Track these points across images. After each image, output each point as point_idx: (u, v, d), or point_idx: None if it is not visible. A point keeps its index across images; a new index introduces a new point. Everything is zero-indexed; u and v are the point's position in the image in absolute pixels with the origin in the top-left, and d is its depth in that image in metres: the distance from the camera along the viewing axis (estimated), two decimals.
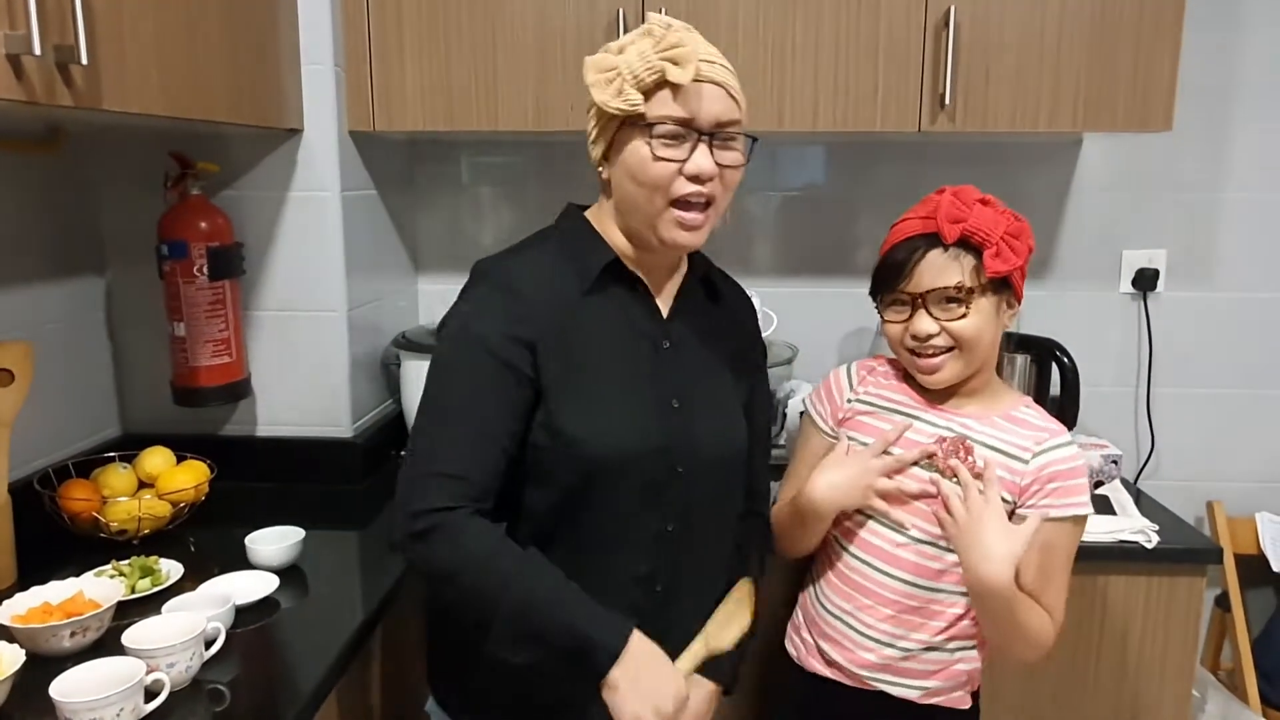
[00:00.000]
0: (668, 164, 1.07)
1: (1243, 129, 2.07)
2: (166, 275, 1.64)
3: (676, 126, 1.07)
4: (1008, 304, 1.29)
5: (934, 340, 1.25)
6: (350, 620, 1.29)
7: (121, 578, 1.32)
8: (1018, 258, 1.24)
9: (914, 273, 1.25)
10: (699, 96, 1.07)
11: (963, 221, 1.23)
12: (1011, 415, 1.30)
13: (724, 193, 1.12)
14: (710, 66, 1.09)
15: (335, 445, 1.81)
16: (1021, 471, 1.25)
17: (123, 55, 1.18)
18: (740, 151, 1.12)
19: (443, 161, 2.15)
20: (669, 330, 1.20)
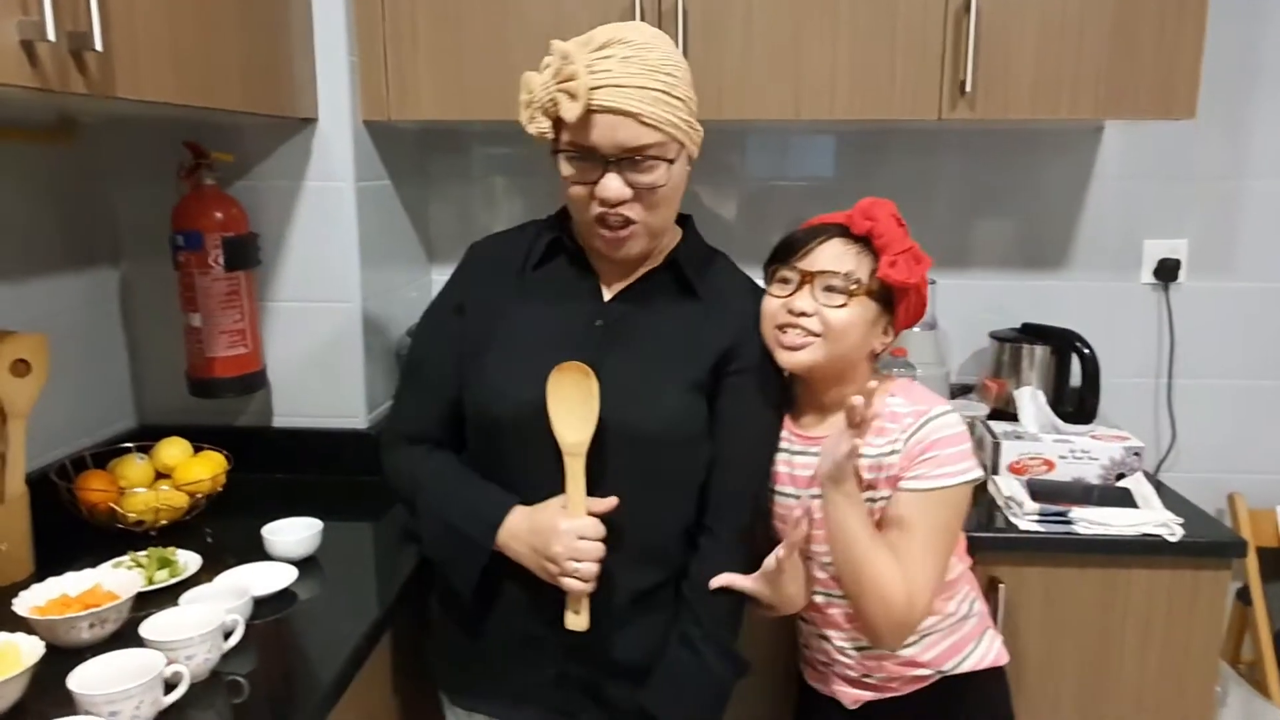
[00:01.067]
0: (581, 186, 1.12)
1: (1266, 117, 2.04)
2: (181, 266, 1.64)
3: (581, 152, 1.10)
4: (885, 328, 1.27)
5: (806, 321, 1.22)
6: (368, 612, 1.29)
7: (139, 569, 1.32)
8: (912, 276, 1.23)
9: (812, 252, 1.25)
10: (599, 125, 1.07)
11: (874, 221, 1.24)
12: (879, 413, 1.23)
13: (648, 211, 1.13)
14: (615, 92, 1.06)
15: (350, 436, 1.81)
16: (895, 464, 1.23)
17: (136, 42, 1.17)
18: (662, 172, 1.11)
19: (455, 151, 2.14)
20: (606, 311, 1.22)
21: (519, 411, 1.17)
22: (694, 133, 1.17)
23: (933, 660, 1.29)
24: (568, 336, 1.20)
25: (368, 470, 1.78)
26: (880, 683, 1.31)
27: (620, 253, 1.17)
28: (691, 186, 2.10)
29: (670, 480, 1.21)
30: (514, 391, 1.18)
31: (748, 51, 1.68)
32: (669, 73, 1.10)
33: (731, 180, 2.13)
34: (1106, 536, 1.58)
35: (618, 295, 1.23)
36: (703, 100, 1.67)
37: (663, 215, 1.17)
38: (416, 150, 2.09)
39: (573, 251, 1.24)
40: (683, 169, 1.17)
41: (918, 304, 1.28)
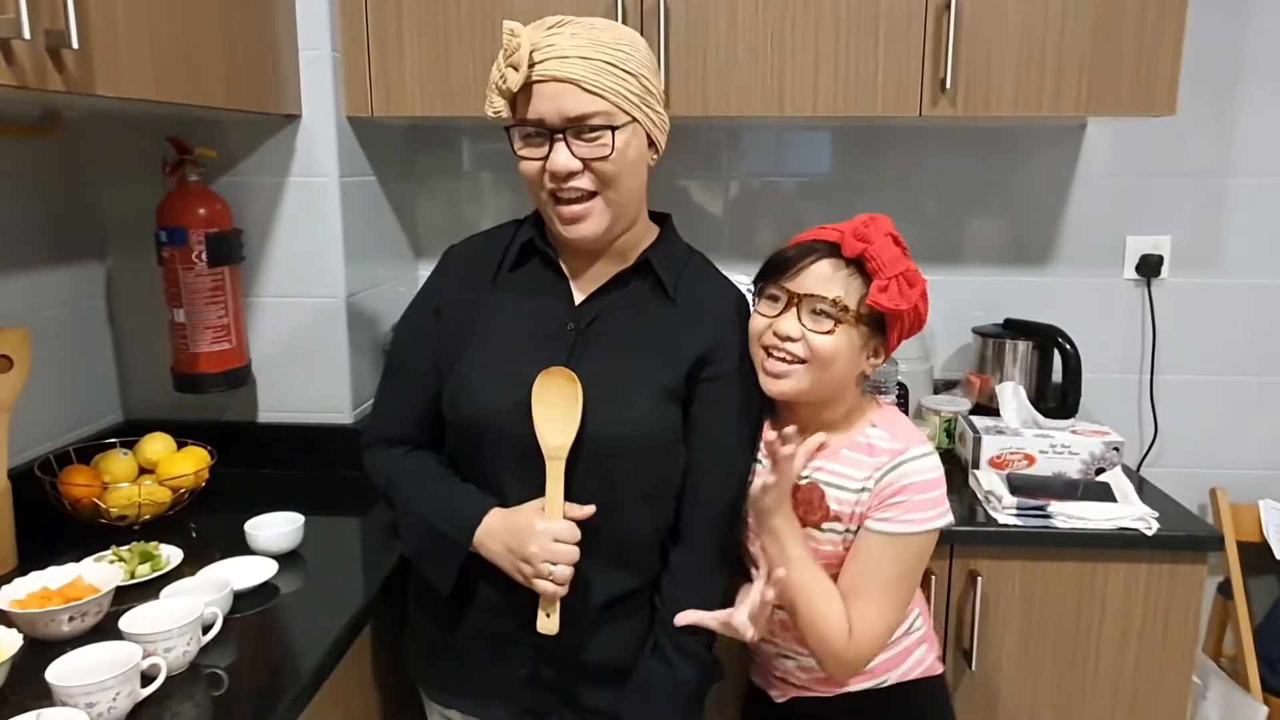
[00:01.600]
0: (532, 163, 1.13)
1: (1248, 114, 2.05)
2: (165, 262, 1.64)
3: (530, 127, 1.12)
4: (874, 351, 1.24)
5: (791, 346, 1.19)
6: (349, 605, 1.29)
7: (121, 563, 1.33)
8: (904, 301, 1.18)
9: (801, 272, 1.20)
10: (543, 95, 1.10)
11: (867, 244, 1.18)
12: (857, 443, 1.24)
13: (604, 184, 1.12)
14: (559, 62, 1.08)
15: (335, 431, 1.81)
16: (865, 502, 1.21)
17: (115, 39, 1.18)
18: (608, 144, 1.10)
19: (442, 147, 2.14)
20: (579, 314, 1.21)
21: (493, 415, 1.17)
22: (651, 113, 1.15)
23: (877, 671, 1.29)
24: (540, 340, 1.20)
25: (352, 465, 1.77)
26: (807, 683, 1.32)
27: (578, 232, 1.15)
28: (681, 182, 2.13)
29: (643, 487, 1.20)
30: (489, 395, 1.18)
31: (731, 48, 1.69)
32: (619, 49, 1.11)
33: (722, 176, 2.14)
34: (1084, 530, 1.60)
35: (589, 298, 1.22)
36: (687, 97, 1.71)
37: (620, 192, 1.14)
38: (403, 146, 2.09)
39: (546, 254, 1.24)
40: (638, 145, 1.15)
41: (913, 324, 1.24)
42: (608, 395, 1.16)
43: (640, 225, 1.23)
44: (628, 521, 1.20)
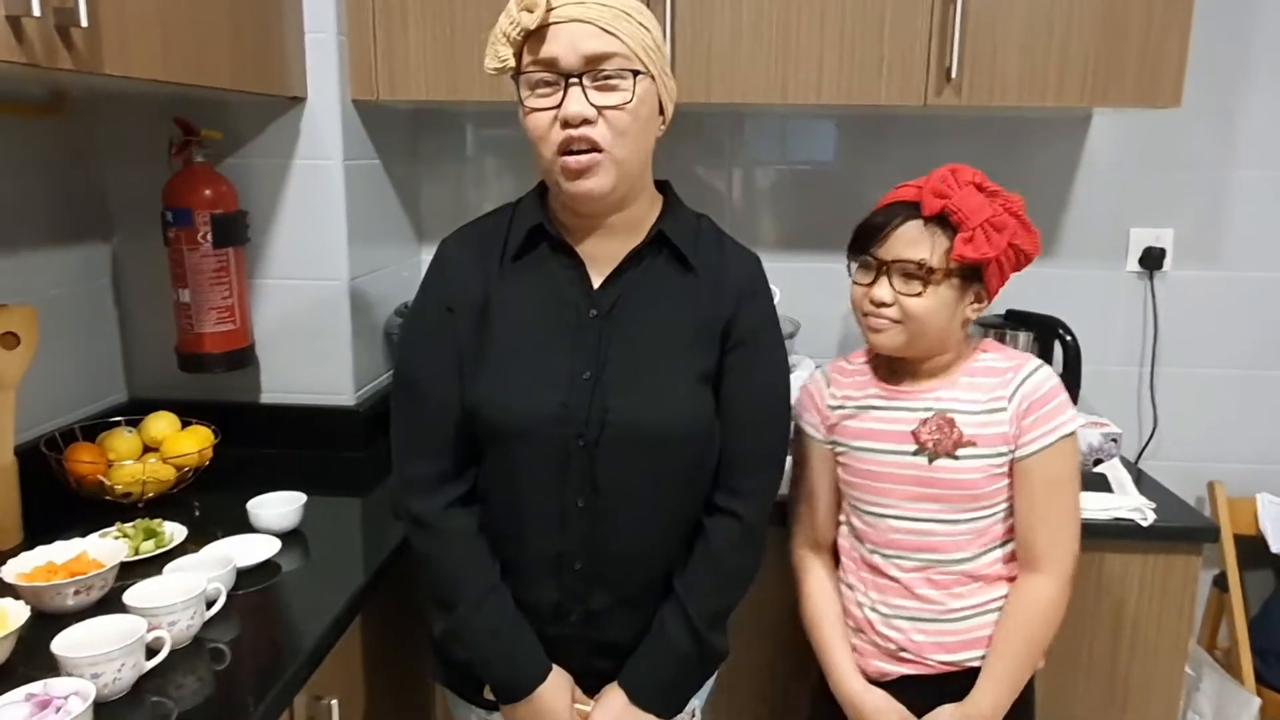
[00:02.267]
0: (541, 114, 1.07)
1: (1253, 106, 2.05)
2: (171, 242, 1.65)
3: (543, 72, 1.05)
4: (976, 297, 1.28)
5: (886, 311, 1.26)
6: (350, 583, 1.31)
7: (125, 539, 1.34)
8: (991, 248, 1.21)
9: (887, 238, 1.26)
10: (559, 37, 1.04)
11: (946, 198, 1.22)
12: (974, 369, 1.30)
13: (615, 136, 1.06)
14: (575, 5, 1.04)
15: (338, 413, 1.83)
16: (1006, 419, 1.26)
17: (124, 19, 1.18)
18: (626, 90, 1.05)
19: (446, 131, 2.15)
20: (599, 298, 1.15)
21: (523, 419, 1.12)
22: (663, 74, 1.12)
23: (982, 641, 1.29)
24: (564, 332, 1.14)
25: (353, 446, 1.82)
26: (913, 658, 1.31)
27: (583, 186, 1.08)
28: (690, 167, 2.14)
29: (683, 471, 1.17)
30: (518, 399, 1.13)
31: (736, 35, 1.69)
32: (633, 4, 1.09)
33: (725, 164, 2.14)
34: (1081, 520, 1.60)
35: (607, 280, 1.16)
36: (691, 83, 1.71)
37: (629, 150, 1.08)
38: (408, 129, 2.10)
39: (555, 238, 1.16)
40: (650, 104, 1.10)
41: (1016, 261, 1.27)
42: (643, 384, 1.13)
43: (647, 196, 1.18)
44: (669, 505, 1.18)
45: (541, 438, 1.12)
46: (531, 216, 1.18)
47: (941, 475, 1.26)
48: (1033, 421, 1.25)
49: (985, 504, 1.27)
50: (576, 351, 1.13)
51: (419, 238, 2.20)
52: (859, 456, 1.33)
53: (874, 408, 1.33)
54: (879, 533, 1.32)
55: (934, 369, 1.31)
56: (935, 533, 1.28)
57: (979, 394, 1.27)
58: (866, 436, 1.32)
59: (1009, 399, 1.25)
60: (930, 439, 1.27)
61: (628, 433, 1.12)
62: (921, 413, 1.28)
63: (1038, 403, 1.25)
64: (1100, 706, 1.69)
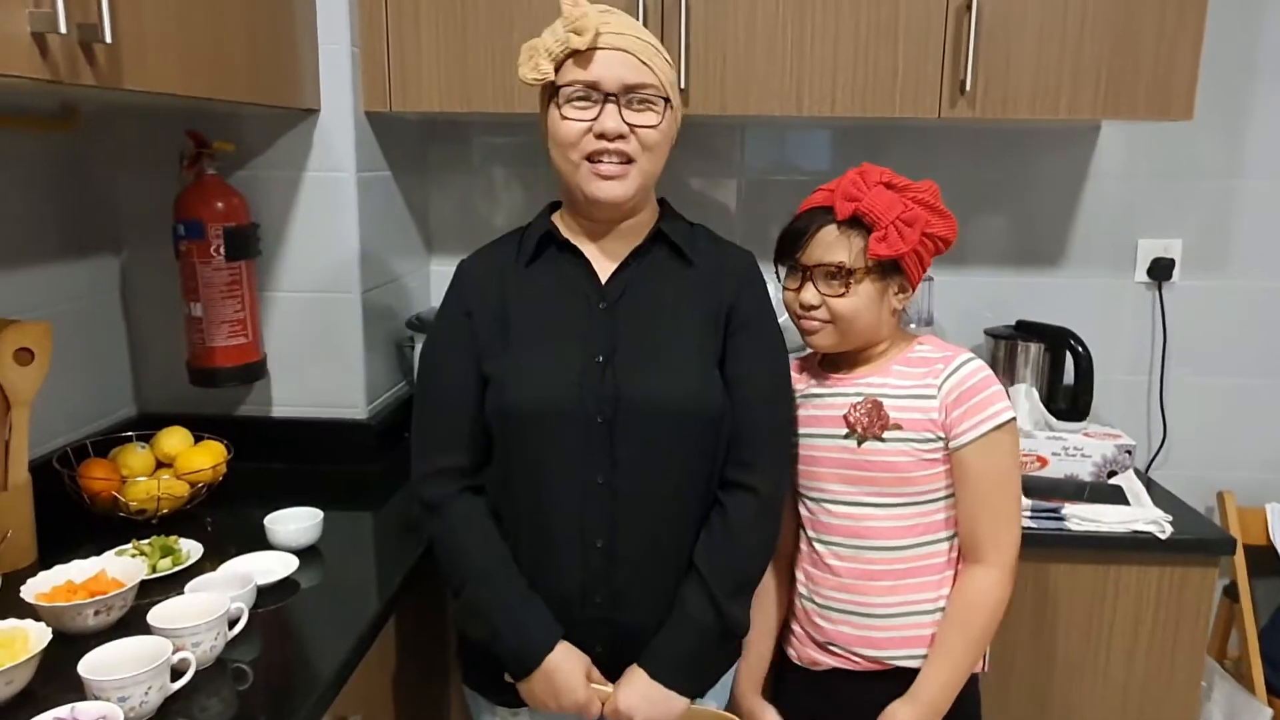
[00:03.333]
0: (576, 123, 1.17)
1: (1260, 117, 2.06)
2: (183, 255, 1.64)
3: (583, 88, 1.16)
4: (900, 287, 1.31)
5: (815, 313, 1.31)
6: (371, 601, 1.30)
7: (143, 557, 1.32)
8: (905, 243, 1.26)
9: (807, 244, 1.31)
10: (603, 62, 1.16)
11: (857, 200, 1.27)
12: (908, 359, 1.32)
13: (644, 153, 1.18)
14: (618, 36, 1.17)
15: (350, 427, 1.82)
16: (934, 407, 1.27)
17: (144, 34, 1.18)
18: (656, 113, 1.18)
19: (455, 142, 2.14)
20: (607, 291, 1.24)
21: (541, 407, 1.19)
22: (678, 106, 1.25)
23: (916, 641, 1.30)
24: (575, 321, 1.23)
25: (367, 460, 1.80)
26: (840, 653, 1.33)
27: (611, 190, 1.19)
28: (687, 179, 2.13)
29: (699, 446, 1.22)
30: (533, 382, 1.20)
31: (750, 47, 1.69)
32: (657, 41, 1.22)
33: (728, 173, 2.14)
34: (1098, 533, 1.61)
35: (613, 275, 1.25)
36: (705, 95, 1.71)
37: (653, 165, 1.21)
38: (417, 140, 2.09)
39: (563, 243, 1.27)
40: (669, 130, 1.22)
41: (934, 248, 1.30)
42: (653, 363, 1.21)
43: (649, 207, 1.30)
44: (685, 479, 1.22)
45: (561, 416, 1.19)
46: (541, 227, 1.29)
47: (869, 458, 1.29)
48: (964, 412, 1.26)
49: (916, 489, 1.29)
50: (588, 338, 1.21)
51: (428, 249, 2.19)
52: (802, 443, 1.36)
53: (814, 396, 1.36)
54: (817, 518, 1.35)
55: (868, 356, 1.35)
56: (866, 517, 1.30)
57: (907, 381, 1.30)
58: (807, 424, 1.36)
59: (938, 387, 1.28)
60: (858, 421, 1.30)
61: (642, 407, 1.19)
62: (853, 397, 1.32)
63: (967, 393, 1.26)
64: (1116, 719, 1.68)
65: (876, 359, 1.35)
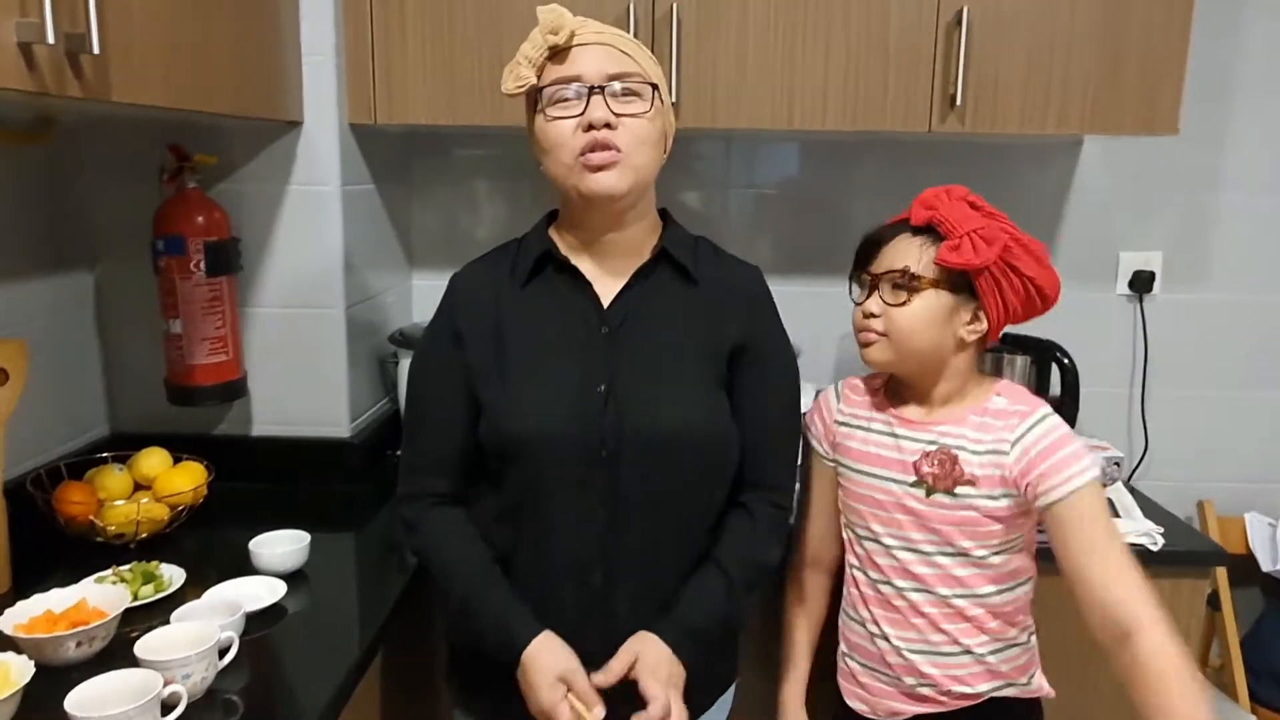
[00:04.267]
0: (562, 122, 1.12)
1: (1239, 131, 2.09)
2: (162, 271, 1.60)
3: (565, 85, 1.12)
4: (973, 316, 1.24)
5: (873, 323, 1.25)
6: (362, 626, 1.27)
7: (124, 584, 1.28)
8: (978, 257, 1.19)
9: (878, 254, 1.27)
10: (582, 57, 1.12)
11: (934, 210, 1.23)
12: (985, 409, 1.25)
13: (635, 143, 1.12)
14: (596, 33, 1.14)
15: (333, 445, 1.78)
16: (1007, 465, 1.21)
17: (131, 45, 1.14)
18: (645, 102, 1.14)
19: (438, 154, 2.11)
20: (609, 316, 1.19)
21: (540, 430, 1.14)
22: (668, 105, 1.21)
23: (1007, 673, 1.29)
24: (576, 350, 1.17)
25: (351, 479, 1.77)
26: (931, 695, 1.29)
27: (603, 181, 1.11)
28: (672, 193, 2.12)
29: (705, 474, 1.19)
30: (533, 411, 1.15)
31: (741, 61, 1.69)
32: (639, 42, 1.19)
33: (716, 186, 2.13)
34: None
35: (617, 297, 1.19)
36: (696, 108, 1.70)
37: (646, 155, 1.14)
38: (400, 152, 2.06)
39: (561, 262, 1.20)
40: (661, 126, 1.17)
41: (1023, 294, 1.22)
42: (657, 392, 1.16)
43: (650, 219, 1.23)
44: (692, 506, 1.19)
45: (562, 449, 1.14)
46: (538, 244, 1.22)
47: (939, 510, 1.24)
48: (1043, 469, 1.19)
49: (985, 544, 1.24)
50: (589, 366, 1.16)
51: (410, 263, 2.15)
52: (858, 479, 1.31)
53: (878, 431, 1.31)
54: (876, 559, 1.30)
55: (942, 399, 1.28)
56: (932, 566, 1.26)
57: (983, 435, 1.24)
58: (867, 461, 1.31)
59: (1012, 444, 1.21)
60: (931, 473, 1.25)
61: (646, 440, 1.14)
62: (926, 445, 1.26)
63: (1047, 451, 1.19)
64: None
65: (949, 404, 1.28)
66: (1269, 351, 2.18)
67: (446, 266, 2.15)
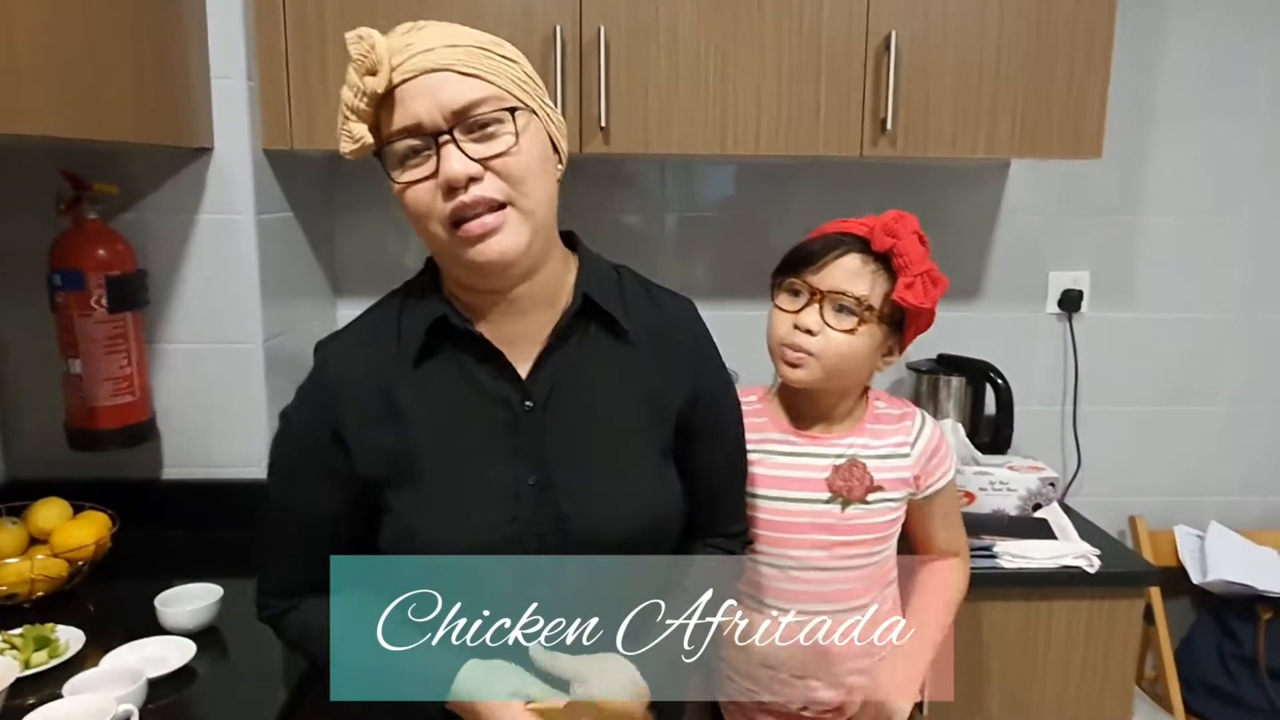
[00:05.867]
0: (418, 186, 0.91)
1: (1159, 155, 2.14)
2: (60, 308, 1.49)
3: (406, 140, 0.91)
4: (890, 349, 1.28)
5: (808, 341, 1.21)
6: (280, 688, 1.18)
7: (13, 651, 1.18)
8: (928, 300, 1.22)
9: (826, 267, 1.22)
10: (415, 95, 0.90)
11: (896, 239, 1.22)
12: (875, 415, 1.31)
13: (514, 184, 0.92)
14: (423, 56, 0.90)
15: (251, 488, 1.67)
16: (908, 465, 1.29)
17: (16, 71, 1.05)
18: (511, 133, 0.91)
19: (362, 179, 2.03)
20: (530, 389, 0.99)
21: (464, 550, 0.97)
22: (546, 106, 0.98)
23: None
24: (496, 438, 0.98)
25: None
26: (814, 715, 1.30)
27: (494, 249, 0.92)
28: (606, 215, 2.08)
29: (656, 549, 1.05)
30: (454, 528, 0.97)
31: (673, 84, 1.65)
32: (486, 37, 0.95)
33: (653, 210, 2.10)
34: (1029, 570, 1.61)
35: (536, 365, 1.00)
36: (627, 133, 1.66)
37: (533, 200, 0.93)
38: (321, 177, 1.97)
39: (462, 329, 0.99)
40: (541, 143, 0.96)
41: (927, 323, 1.28)
42: (599, 481, 1.00)
43: (559, 255, 1.03)
44: (646, 575, 1.04)
45: (491, 564, 0.97)
46: (428, 308, 1.00)
47: (853, 521, 1.26)
48: (934, 465, 1.31)
49: (882, 547, 1.29)
50: (516, 456, 0.98)
51: (334, 291, 2.07)
52: (765, 505, 1.27)
53: (781, 454, 1.29)
54: (774, 585, 1.27)
55: (843, 414, 1.31)
56: (839, 580, 1.27)
57: (881, 440, 1.29)
58: (776, 485, 1.27)
59: (911, 445, 1.29)
60: (844, 485, 1.26)
61: (593, 535, 0.98)
62: (834, 459, 1.27)
63: (936, 449, 1.31)
64: None
65: (848, 417, 1.31)
66: (1194, 366, 2.23)
67: (374, 293, 2.05)
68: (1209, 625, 2.19)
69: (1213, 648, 2.15)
